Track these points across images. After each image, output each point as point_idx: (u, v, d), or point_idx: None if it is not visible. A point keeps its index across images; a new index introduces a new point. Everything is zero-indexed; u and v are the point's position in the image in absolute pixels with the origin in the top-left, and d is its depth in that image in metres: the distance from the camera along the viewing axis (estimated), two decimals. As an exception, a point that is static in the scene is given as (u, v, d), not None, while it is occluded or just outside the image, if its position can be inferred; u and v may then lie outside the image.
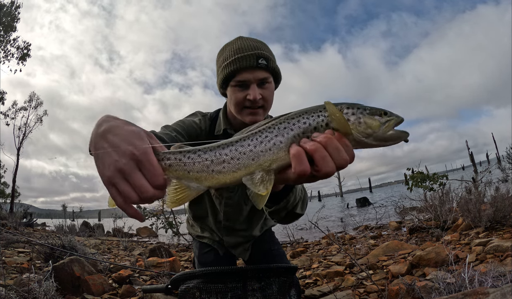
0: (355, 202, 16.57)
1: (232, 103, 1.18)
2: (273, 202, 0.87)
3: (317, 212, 8.30)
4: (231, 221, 1.50)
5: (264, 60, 1.12)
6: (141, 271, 3.05)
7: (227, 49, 1.18)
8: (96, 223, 12.72)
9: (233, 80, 1.14)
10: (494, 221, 3.05)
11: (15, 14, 16.31)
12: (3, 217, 10.38)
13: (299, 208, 0.95)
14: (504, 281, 1.46)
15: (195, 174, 0.55)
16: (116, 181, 0.52)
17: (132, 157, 0.52)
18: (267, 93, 1.16)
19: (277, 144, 0.55)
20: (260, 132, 0.57)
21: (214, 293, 1.04)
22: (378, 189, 67.65)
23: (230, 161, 0.55)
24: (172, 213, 7.72)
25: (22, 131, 19.75)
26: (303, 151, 0.54)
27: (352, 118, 0.56)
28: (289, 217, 0.96)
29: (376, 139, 0.56)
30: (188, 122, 1.30)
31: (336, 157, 0.53)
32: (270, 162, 0.55)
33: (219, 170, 0.55)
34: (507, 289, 1.00)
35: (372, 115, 0.56)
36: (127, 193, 0.52)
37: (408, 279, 1.94)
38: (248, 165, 0.55)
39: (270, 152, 0.55)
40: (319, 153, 0.53)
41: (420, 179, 5.54)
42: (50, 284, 2.00)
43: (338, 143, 0.54)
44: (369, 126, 0.55)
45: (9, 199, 19.61)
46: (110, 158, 0.53)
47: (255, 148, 0.55)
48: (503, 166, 9.70)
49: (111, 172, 0.52)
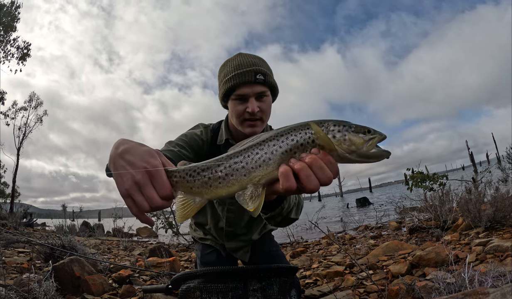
0: (355, 202, 16.57)
1: (233, 116, 1.27)
2: (269, 209, 0.92)
3: (317, 212, 8.30)
4: (233, 226, 1.54)
5: (261, 76, 1.21)
6: (141, 271, 3.05)
7: (228, 65, 1.27)
8: (96, 223, 12.72)
9: (233, 94, 1.23)
10: (494, 221, 3.05)
11: (15, 14, 16.31)
12: (3, 217, 10.38)
13: (293, 213, 1.01)
14: (504, 281, 1.46)
15: (196, 189, 0.63)
16: (132, 192, 0.62)
17: (146, 172, 0.62)
18: (265, 106, 1.25)
19: (266, 161, 0.60)
20: (251, 148, 0.62)
21: (215, 293, 1.04)
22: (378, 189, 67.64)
23: (225, 177, 0.61)
24: (172, 213, 7.72)
25: (22, 131, 19.76)
26: (290, 170, 0.59)
27: (338, 135, 0.59)
28: (284, 222, 1.03)
29: (359, 155, 0.60)
30: (190, 135, 1.38)
31: (320, 175, 0.58)
32: (259, 178, 0.60)
33: (216, 185, 0.62)
34: (507, 289, 1.00)
35: (357, 133, 0.59)
36: (141, 203, 0.61)
37: (408, 279, 1.94)
38: (241, 180, 0.61)
39: (260, 168, 0.60)
40: (304, 172, 0.58)
41: (420, 179, 5.53)
42: (50, 284, 2.00)
43: (323, 163, 0.58)
44: (353, 143, 0.59)
45: (9, 199, 19.61)
46: (128, 173, 0.63)
47: (246, 164, 0.61)
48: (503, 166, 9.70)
49: (128, 185, 0.62)
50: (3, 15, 15.62)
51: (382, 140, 0.61)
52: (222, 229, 1.55)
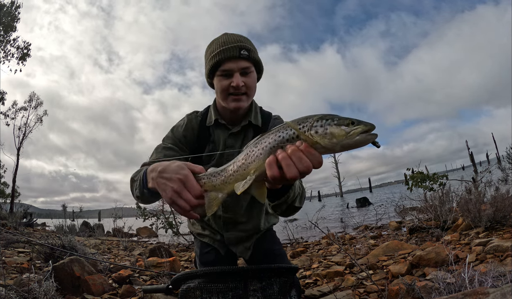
0: (355, 202, 16.56)
1: (218, 91, 1.32)
2: (276, 197, 0.99)
3: (317, 212, 8.30)
4: (230, 212, 1.51)
5: (246, 51, 1.26)
6: (141, 271, 3.05)
7: (214, 43, 1.32)
8: (96, 223, 12.71)
9: (219, 70, 1.28)
10: (494, 221, 3.05)
11: (15, 14, 16.30)
12: (3, 217, 10.38)
13: (297, 202, 1.07)
14: (504, 281, 1.46)
15: (219, 186, 0.80)
16: (175, 199, 0.81)
17: (180, 182, 0.81)
18: (249, 81, 1.29)
19: (258, 155, 0.71)
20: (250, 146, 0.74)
21: (215, 293, 1.04)
22: (378, 189, 67.67)
23: (233, 174, 0.77)
24: (172, 213, 7.73)
25: (22, 131, 19.75)
26: (274, 160, 0.68)
27: (320, 130, 0.65)
28: (289, 210, 1.09)
29: (342, 146, 0.65)
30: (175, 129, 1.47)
31: (299, 164, 0.66)
32: (254, 170, 0.72)
33: (229, 181, 0.78)
34: (507, 289, 1.00)
35: (339, 126, 0.64)
36: (183, 205, 0.81)
37: (408, 279, 1.94)
38: (243, 174, 0.74)
39: (254, 163, 0.72)
40: (285, 161, 0.67)
41: (420, 179, 5.53)
42: (50, 284, 2.00)
43: (302, 154, 0.66)
44: (334, 136, 0.64)
45: (9, 199, 19.60)
46: (168, 186, 0.83)
47: (245, 161, 0.74)
48: (503, 166, 9.70)
49: (171, 194, 0.82)
50: (3, 15, 15.62)
51: (367, 130, 0.64)
52: (220, 217, 1.53)
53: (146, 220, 8.41)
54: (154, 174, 0.89)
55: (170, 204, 0.83)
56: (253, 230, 1.59)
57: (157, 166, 0.90)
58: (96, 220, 23.10)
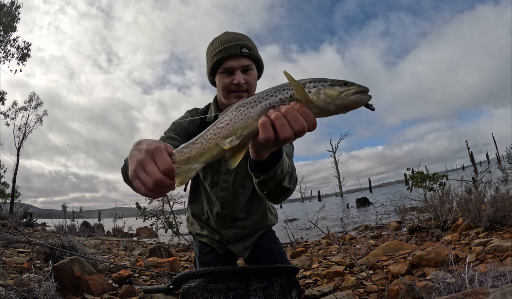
0: (355, 202, 16.57)
1: (220, 88, 1.33)
2: (261, 172, 0.94)
3: (317, 212, 8.31)
4: (228, 207, 1.49)
5: (246, 49, 1.29)
6: (141, 271, 3.05)
7: (215, 42, 1.34)
8: (96, 223, 12.73)
9: (220, 67, 1.30)
10: (494, 221, 3.05)
11: (15, 14, 16.31)
12: (3, 217, 10.38)
13: (286, 181, 1.01)
14: (504, 281, 1.47)
15: (193, 157, 0.71)
16: (138, 172, 0.69)
17: (148, 153, 0.69)
18: (250, 79, 1.31)
19: (247, 114, 0.67)
20: (235, 108, 0.70)
21: (216, 293, 1.03)
22: (378, 189, 67.66)
23: (213, 137, 0.70)
24: (172, 213, 7.73)
25: (22, 131, 19.77)
26: (268, 120, 0.64)
27: (313, 90, 0.64)
28: (278, 190, 1.02)
29: (337, 106, 0.64)
30: (177, 123, 1.46)
31: (294, 124, 0.63)
32: (241, 130, 0.67)
33: (207, 147, 0.70)
34: (507, 289, 1.00)
35: (332, 86, 0.63)
36: (144, 180, 0.68)
37: (408, 279, 1.94)
38: (226, 134, 0.68)
39: (241, 122, 0.67)
40: (279, 121, 0.63)
41: (420, 179, 5.53)
42: (50, 284, 2.00)
43: (297, 113, 0.63)
44: (328, 95, 0.63)
45: (9, 199, 19.59)
46: (135, 157, 0.71)
47: (230, 121, 0.68)
48: (503, 166, 9.70)
49: (134, 165, 0.70)
50: (3, 15, 15.63)
51: (361, 92, 0.63)
52: (218, 214, 1.52)
53: (146, 220, 8.42)
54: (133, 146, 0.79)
55: (131, 180, 0.71)
56: (252, 228, 1.58)
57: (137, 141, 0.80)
58: (96, 220, 23.11)
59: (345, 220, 8.60)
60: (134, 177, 0.70)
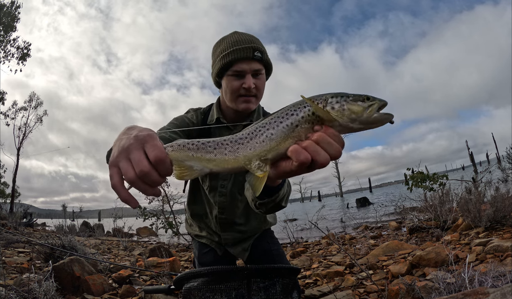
0: (355, 202, 16.59)
1: (228, 91, 1.28)
2: (267, 195, 0.93)
3: (317, 212, 8.31)
4: (226, 213, 1.48)
5: (259, 53, 1.24)
6: (141, 271, 3.05)
7: (224, 42, 1.27)
8: (96, 223, 12.72)
9: (230, 70, 1.24)
10: (494, 221, 3.05)
11: (15, 14, 16.30)
12: (3, 217, 10.38)
13: (284, 201, 1.02)
14: (504, 281, 1.47)
15: (199, 157, 0.63)
16: (119, 159, 0.56)
17: (137, 138, 0.57)
18: (260, 83, 1.27)
19: (269, 136, 0.61)
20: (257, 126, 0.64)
21: (218, 292, 1.04)
22: (378, 189, 67.67)
23: (231, 149, 0.63)
24: (172, 213, 7.73)
25: (22, 131, 19.76)
26: (299, 147, 0.59)
27: (336, 106, 0.59)
28: (273, 209, 1.02)
29: (361, 123, 0.60)
30: (180, 118, 1.42)
31: (329, 149, 0.58)
32: (266, 152, 0.62)
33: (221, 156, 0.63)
34: (507, 289, 1.00)
35: (355, 101, 0.59)
36: (125, 169, 0.55)
37: (408, 279, 1.94)
38: (247, 154, 0.62)
39: (263, 143, 0.62)
40: (311, 147, 0.58)
41: (420, 179, 5.53)
42: (50, 284, 2.00)
43: (329, 138, 0.58)
44: (352, 111, 0.59)
45: (9, 199, 19.58)
46: (122, 142, 0.58)
47: (251, 140, 0.62)
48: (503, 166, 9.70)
49: (117, 151, 0.57)
50: (3, 15, 15.62)
51: (382, 106, 0.60)
52: (217, 218, 1.51)
53: (146, 220, 8.41)
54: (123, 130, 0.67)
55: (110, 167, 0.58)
56: (251, 232, 1.57)
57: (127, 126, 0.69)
58: (96, 220, 23.10)
59: (345, 220, 8.60)
60: (112, 164, 0.57)
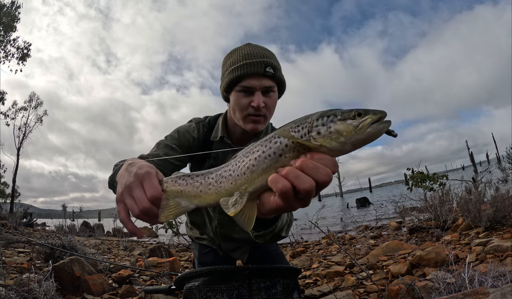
0: (355, 202, 16.58)
1: (235, 109, 1.19)
2: (263, 227, 0.89)
3: (317, 212, 8.30)
4: (225, 228, 1.48)
5: (271, 69, 1.14)
6: (141, 271, 3.05)
7: (235, 54, 1.18)
8: (96, 223, 12.72)
9: (239, 85, 1.15)
10: (494, 221, 3.05)
11: (15, 14, 16.30)
12: (3, 217, 10.38)
13: (284, 231, 0.98)
14: (504, 281, 1.46)
15: (186, 193, 0.65)
16: (124, 196, 0.65)
17: (137, 177, 0.65)
18: (270, 102, 1.17)
19: (250, 168, 0.57)
20: (239, 156, 0.60)
21: (219, 292, 1.04)
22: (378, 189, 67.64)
23: (214, 184, 0.62)
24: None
25: (22, 131, 19.77)
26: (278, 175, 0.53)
27: (323, 130, 0.53)
28: (272, 239, 0.98)
29: (353, 143, 0.53)
30: (182, 132, 1.35)
31: (316, 174, 0.51)
32: (246, 185, 0.58)
33: (205, 191, 0.63)
34: (507, 289, 1.00)
35: (344, 120, 0.52)
36: (130, 205, 0.64)
37: (408, 279, 1.94)
38: (228, 188, 0.60)
39: (244, 176, 0.58)
40: (291, 174, 0.51)
41: (420, 179, 5.52)
42: (50, 284, 2.00)
43: (314, 162, 0.51)
44: (340, 133, 0.52)
45: (9, 199, 19.60)
46: (123, 179, 0.67)
47: (233, 172, 0.60)
48: (503, 166, 9.70)
49: (122, 189, 0.66)
50: (3, 15, 15.62)
51: (377, 119, 0.52)
52: (216, 229, 1.51)
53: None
54: (124, 165, 0.75)
55: (117, 202, 0.67)
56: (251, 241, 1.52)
57: (128, 160, 0.78)
58: (96, 220, 23.10)
59: (345, 220, 8.60)
60: (119, 201, 0.66)
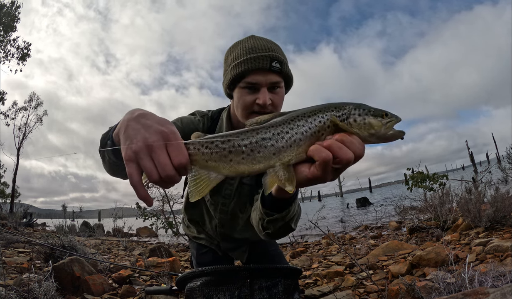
0: (355, 202, 16.59)
1: (239, 106, 1.11)
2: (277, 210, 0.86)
3: (317, 212, 8.31)
4: (226, 228, 1.46)
5: (278, 63, 1.07)
6: (141, 271, 3.05)
7: (238, 47, 1.11)
8: (96, 223, 12.72)
9: (243, 81, 1.08)
10: (494, 221, 3.05)
11: (15, 14, 16.30)
12: (3, 217, 10.38)
13: (294, 221, 0.96)
14: (504, 281, 1.47)
15: (213, 163, 0.58)
16: (141, 156, 0.54)
17: (163, 135, 0.55)
18: (277, 99, 1.10)
19: (297, 141, 0.59)
20: (280, 126, 0.60)
21: (221, 292, 1.04)
22: (378, 189, 67.66)
23: (250, 153, 0.58)
24: (172, 213, 7.72)
25: (22, 131, 19.76)
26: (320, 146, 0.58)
27: (358, 119, 0.62)
28: (282, 229, 0.96)
29: (378, 137, 0.63)
30: (186, 122, 1.27)
31: (353, 147, 0.58)
32: (290, 158, 0.59)
33: (237, 160, 0.58)
34: (507, 289, 1.00)
35: (375, 116, 0.62)
36: (149, 170, 0.54)
37: (408, 279, 1.94)
38: (269, 159, 0.58)
39: (291, 149, 0.59)
40: (335, 145, 0.57)
41: (420, 179, 5.52)
42: (50, 284, 2.00)
43: (351, 138, 0.59)
44: (372, 126, 0.62)
45: (9, 199, 19.58)
46: (140, 135, 0.55)
47: (276, 143, 0.58)
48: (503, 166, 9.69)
49: (139, 147, 0.54)
50: (3, 15, 15.62)
51: (398, 122, 0.65)
52: (216, 228, 1.48)
53: (146, 220, 8.40)
54: (128, 116, 0.62)
55: (127, 160, 0.55)
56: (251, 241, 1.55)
57: (136, 109, 0.64)
58: (96, 220, 23.09)
59: (345, 220, 8.60)
60: (131, 159, 0.54)
